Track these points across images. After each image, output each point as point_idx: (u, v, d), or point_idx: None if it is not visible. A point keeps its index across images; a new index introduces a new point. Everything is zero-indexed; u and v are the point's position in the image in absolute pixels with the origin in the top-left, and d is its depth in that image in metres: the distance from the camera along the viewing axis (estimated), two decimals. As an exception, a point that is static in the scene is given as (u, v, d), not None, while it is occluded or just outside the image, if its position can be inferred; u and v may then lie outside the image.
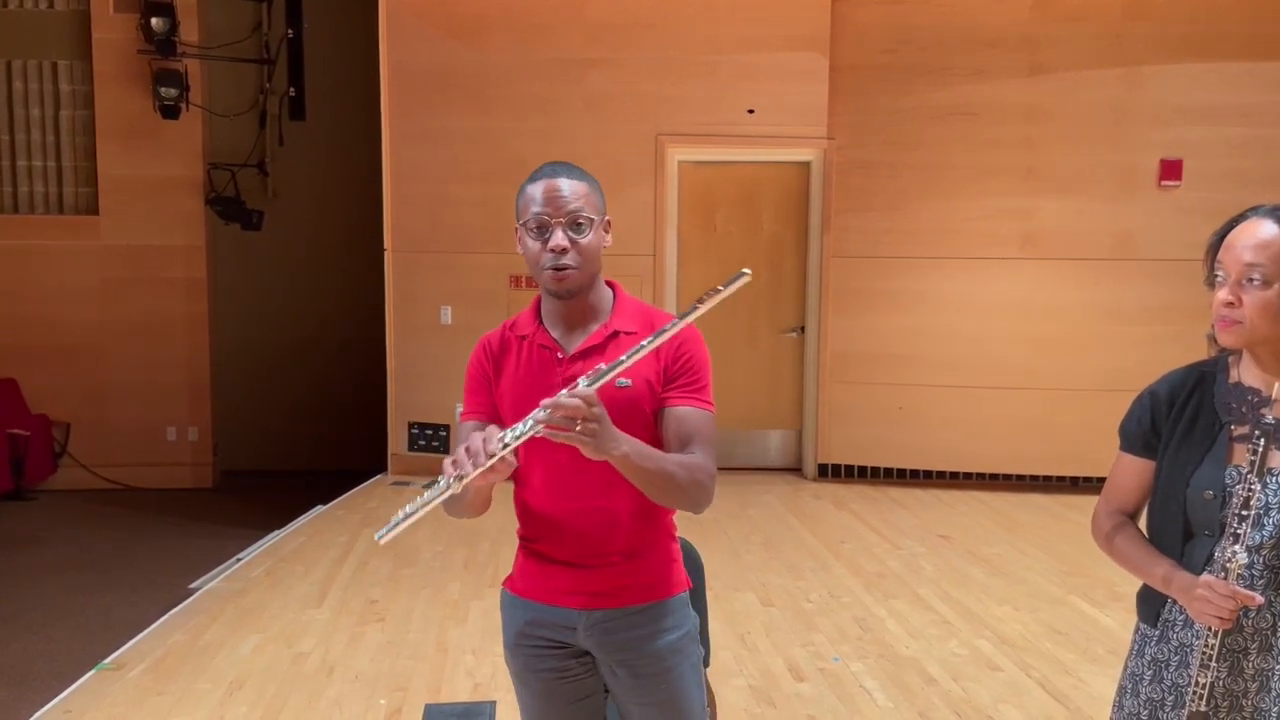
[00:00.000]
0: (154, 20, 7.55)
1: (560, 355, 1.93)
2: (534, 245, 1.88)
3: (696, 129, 6.96)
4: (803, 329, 7.29)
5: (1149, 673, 1.85)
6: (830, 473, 7.20)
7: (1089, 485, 6.93)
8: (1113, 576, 4.96)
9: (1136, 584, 1.92)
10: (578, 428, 1.66)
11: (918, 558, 5.45)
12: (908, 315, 6.98)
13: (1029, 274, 6.89)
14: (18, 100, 7.96)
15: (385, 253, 7.13)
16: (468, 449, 1.70)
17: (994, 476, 7.03)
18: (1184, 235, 6.68)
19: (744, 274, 1.71)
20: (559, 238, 1.85)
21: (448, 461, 1.71)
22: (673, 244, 7.14)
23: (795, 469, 7.43)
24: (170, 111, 7.72)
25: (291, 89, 8.53)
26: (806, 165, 7.13)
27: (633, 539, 1.94)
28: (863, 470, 7.19)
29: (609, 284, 2.00)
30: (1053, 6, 6.73)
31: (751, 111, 6.93)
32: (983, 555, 5.50)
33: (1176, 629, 1.82)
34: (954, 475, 7.08)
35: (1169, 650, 1.83)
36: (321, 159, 8.62)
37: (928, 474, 7.12)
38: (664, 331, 1.75)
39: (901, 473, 7.15)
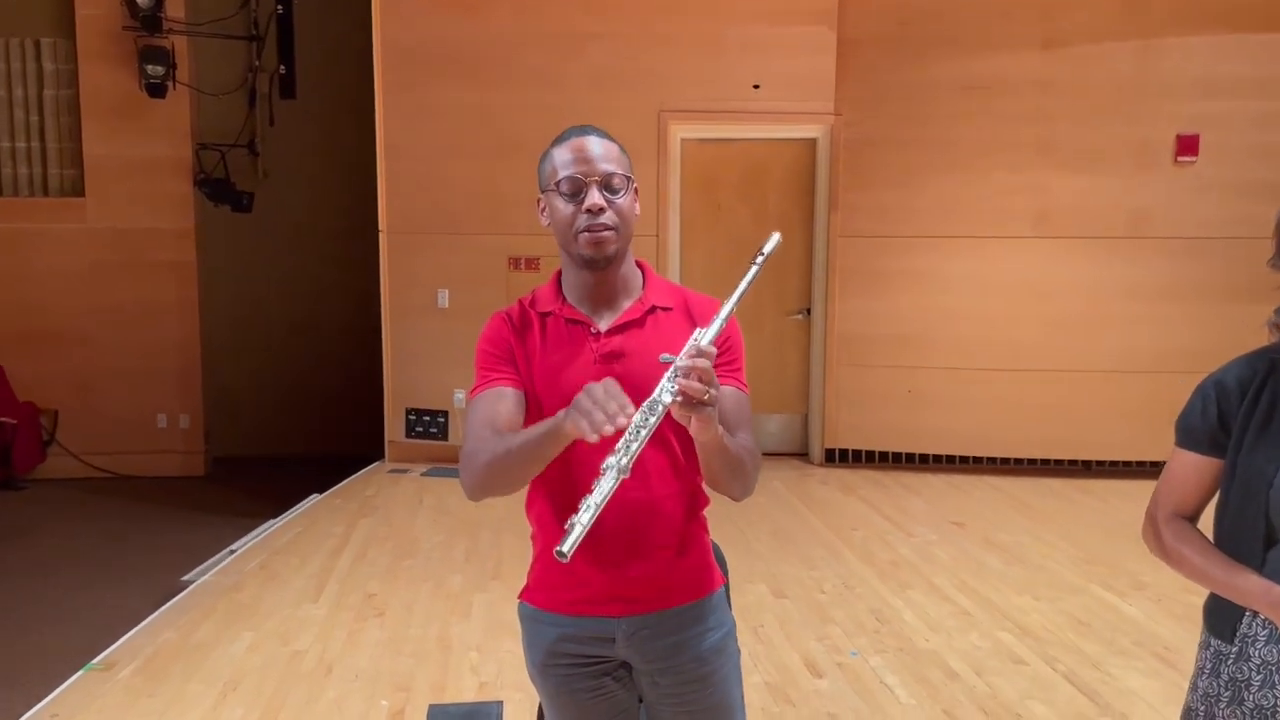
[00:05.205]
0: (139, -5, 7.32)
1: (594, 330, 1.76)
2: (566, 208, 1.72)
3: (700, 105, 6.75)
4: (809, 311, 7.11)
5: (1226, 694, 1.69)
6: (837, 458, 7.04)
7: (1104, 469, 6.80)
8: (1135, 565, 4.82)
9: (1161, 572, 1.77)
10: (706, 395, 1.49)
11: (931, 545, 5.30)
12: (917, 296, 6.80)
13: (1042, 252, 6.71)
14: (0, 80, 7.74)
15: (380, 234, 6.93)
16: (606, 412, 1.43)
17: (1006, 461, 6.88)
18: (1201, 212, 6.54)
19: (774, 236, 1.70)
20: (595, 196, 1.70)
21: (588, 429, 1.45)
22: (675, 224, 6.95)
23: (800, 454, 7.28)
24: (157, 90, 7.49)
25: (281, 66, 8.27)
26: (813, 142, 6.93)
27: (673, 533, 1.78)
28: (870, 455, 7.03)
29: (637, 262, 1.85)
30: (1067, -24, 6.54)
31: (757, 87, 6.73)
32: (999, 542, 5.35)
33: (1259, 645, 1.65)
34: (965, 460, 6.92)
35: (1250, 669, 1.66)
36: (313, 138, 8.39)
37: (938, 459, 6.96)
38: (738, 294, 1.64)
39: (911, 457, 7.00)
